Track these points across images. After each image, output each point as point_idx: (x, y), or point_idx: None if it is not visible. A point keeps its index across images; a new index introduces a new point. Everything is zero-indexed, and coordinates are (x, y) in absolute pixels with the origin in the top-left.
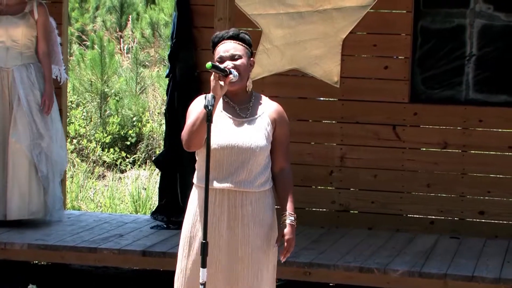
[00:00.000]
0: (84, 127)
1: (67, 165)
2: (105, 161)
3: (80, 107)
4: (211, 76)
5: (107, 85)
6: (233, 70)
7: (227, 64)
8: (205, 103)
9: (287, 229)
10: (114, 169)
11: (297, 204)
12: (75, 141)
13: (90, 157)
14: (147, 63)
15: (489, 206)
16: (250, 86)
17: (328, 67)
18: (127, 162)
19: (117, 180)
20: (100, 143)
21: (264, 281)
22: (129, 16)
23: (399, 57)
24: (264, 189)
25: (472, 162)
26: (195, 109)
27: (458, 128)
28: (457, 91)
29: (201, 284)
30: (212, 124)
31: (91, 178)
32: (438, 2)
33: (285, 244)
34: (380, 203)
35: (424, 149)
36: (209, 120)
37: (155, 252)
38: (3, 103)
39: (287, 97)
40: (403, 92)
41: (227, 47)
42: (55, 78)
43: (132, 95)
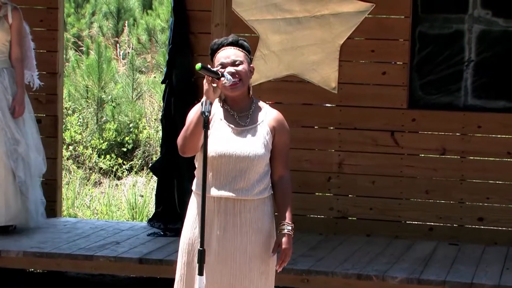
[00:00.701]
0: (80, 134)
1: (45, 168)
2: (102, 168)
3: (76, 114)
4: (204, 80)
5: (104, 91)
6: (226, 73)
7: (229, 69)
8: (202, 109)
9: (284, 238)
10: (110, 175)
11: (295, 210)
12: (71, 147)
13: (86, 164)
14: (144, 69)
15: (488, 212)
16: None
17: (325, 73)
18: (124, 168)
19: (114, 187)
20: (96, 150)
21: None
22: (126, 21)
23: (397, 63)
24: (262, 196)
25: (470, 168)
26: (192, 115)
27: (456, 134)
28: (455, 97)
29: None
30: (209, 131)
31: (87, 185)
32: (436, 7)
33: (281, 253)
34: (378, 209)
35: (422, 155)
36: (206, 126)
37: (152, 259)
38: None
39: (284, 103)
40: (401, 98)
41: (227, 53)
42: (28, 83)
43: (128, 101)
